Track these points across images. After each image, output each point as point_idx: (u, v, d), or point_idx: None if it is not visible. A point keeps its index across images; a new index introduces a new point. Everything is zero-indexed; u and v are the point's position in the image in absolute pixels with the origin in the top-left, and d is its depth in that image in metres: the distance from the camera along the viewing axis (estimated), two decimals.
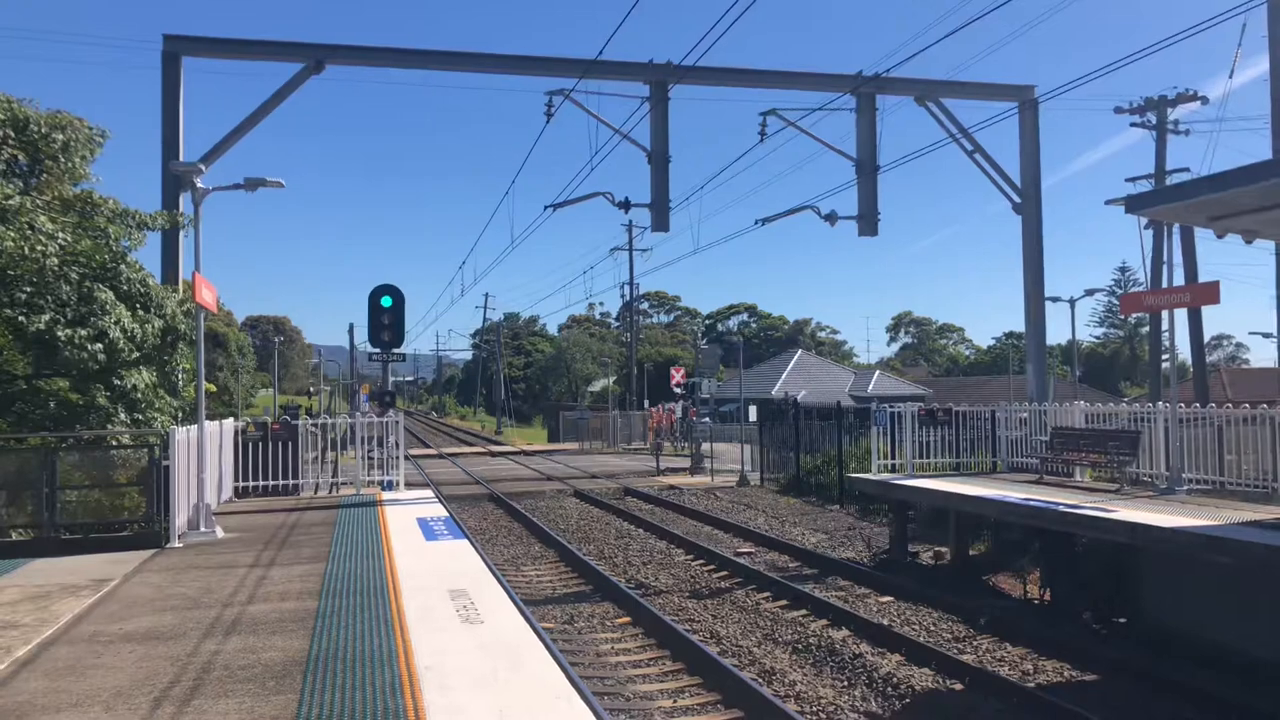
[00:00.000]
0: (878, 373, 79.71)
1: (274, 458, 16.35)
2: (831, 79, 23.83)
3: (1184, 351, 35.19)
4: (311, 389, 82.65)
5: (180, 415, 15.54)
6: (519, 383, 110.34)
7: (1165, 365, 32.33)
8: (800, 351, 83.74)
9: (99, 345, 13.48)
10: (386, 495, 16.35)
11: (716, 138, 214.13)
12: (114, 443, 13.47)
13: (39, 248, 13.16)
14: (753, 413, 33.79)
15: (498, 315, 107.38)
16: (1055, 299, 41.63)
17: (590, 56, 20.97)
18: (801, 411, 27.76)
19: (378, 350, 18.77)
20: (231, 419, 17.58)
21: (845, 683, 9.64)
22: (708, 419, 33.61)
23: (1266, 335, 44.39)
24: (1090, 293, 46.81)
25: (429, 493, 18.34)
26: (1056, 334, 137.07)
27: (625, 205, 22.55)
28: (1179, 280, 30.06)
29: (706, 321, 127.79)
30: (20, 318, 13.04)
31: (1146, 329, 58.46)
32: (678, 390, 38.05)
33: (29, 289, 13.24)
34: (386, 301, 18.14)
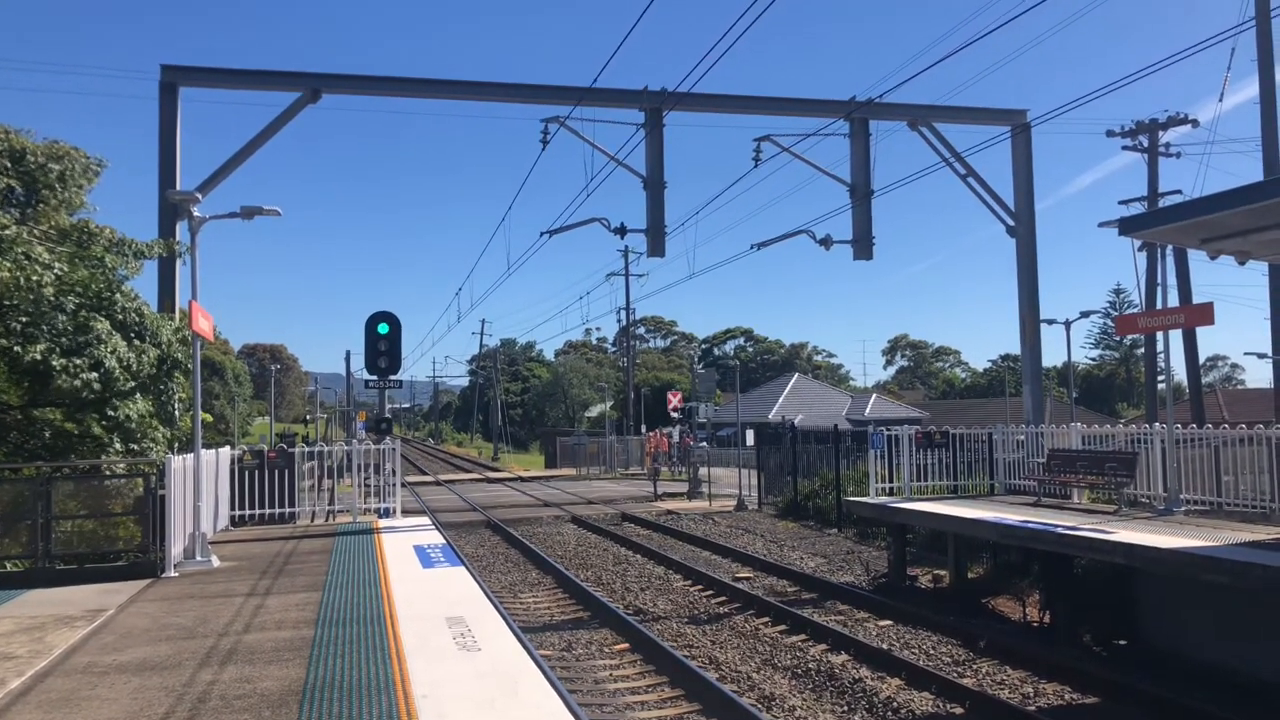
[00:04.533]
0: (874, 396, 79.83)
1: (270, 486, 16.34)
2: (825, 104, 23.98)
3: (1180, 373, 35.25)
4: (308, 417, 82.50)
5: (176, 444, 15.51)
6: (516, 409, 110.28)
7: (1161, 386, 32.38)
8: (797, 375, 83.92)
9: (94, 375, 13.47)
10: (383, 523, 16.30)
11: (712, 163, 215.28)
12: (109, 472, 13.43)
13: (35, 277, 13.19)
14: (750, 437, 33.74)
15: (494, 341, 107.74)
16: (1051, 321, 41.67)
17: (585, 84, 21.12)
18: (799, 435, 27.75)
19: (374, 377, 18.75)
20: (228, 447, 17.54)
21: (845, 708, 9.59)
22: (704, 443, 33.55)
23: (1262, 356, 44.41)
24: (1085, 314, 46.69)
25: (426, 520, 18.27)
26: (1052, 356, 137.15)
27: (621, 231, 22.65)
28: (1173, 301, 30.22)
29: (703, 346, 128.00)
30: (15, 347, 13.05)
31: (1142, 350, 58.57)
32: (675, 415, 38.01)
33: (24, 318, 13.25)
34: (383, 328, 18.16)
